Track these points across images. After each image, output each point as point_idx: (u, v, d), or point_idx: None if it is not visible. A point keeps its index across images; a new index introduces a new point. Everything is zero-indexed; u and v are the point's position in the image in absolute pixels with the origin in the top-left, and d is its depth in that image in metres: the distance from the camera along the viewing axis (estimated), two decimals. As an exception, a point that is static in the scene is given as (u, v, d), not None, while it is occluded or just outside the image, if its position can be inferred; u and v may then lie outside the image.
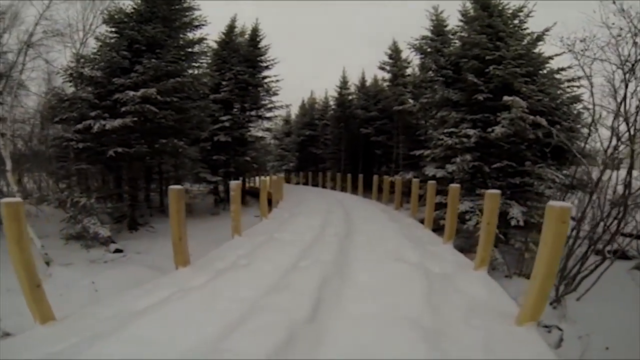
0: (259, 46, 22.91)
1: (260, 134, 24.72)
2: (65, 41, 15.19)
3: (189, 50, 16.59)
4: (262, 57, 22.84)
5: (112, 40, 14.76)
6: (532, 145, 11.66)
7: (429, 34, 17.67)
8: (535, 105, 11.27)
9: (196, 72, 16.66)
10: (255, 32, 23.05)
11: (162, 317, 3.55)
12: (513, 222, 10.37)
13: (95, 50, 14.79)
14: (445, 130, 12.84)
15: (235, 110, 22.00)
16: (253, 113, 23.37)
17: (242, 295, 4.15)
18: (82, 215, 12.54)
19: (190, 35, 16.99)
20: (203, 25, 17.26)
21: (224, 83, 21.28)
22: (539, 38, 13.01)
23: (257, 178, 27.31)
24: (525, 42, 12.85)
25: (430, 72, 16.67)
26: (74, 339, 3.22)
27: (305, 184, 31.19)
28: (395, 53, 24.30)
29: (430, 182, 9.98)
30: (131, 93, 13.13)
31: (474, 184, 12.33)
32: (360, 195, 20.12)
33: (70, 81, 14.38)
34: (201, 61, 18.32)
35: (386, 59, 24.51)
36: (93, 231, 12.15)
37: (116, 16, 14.81)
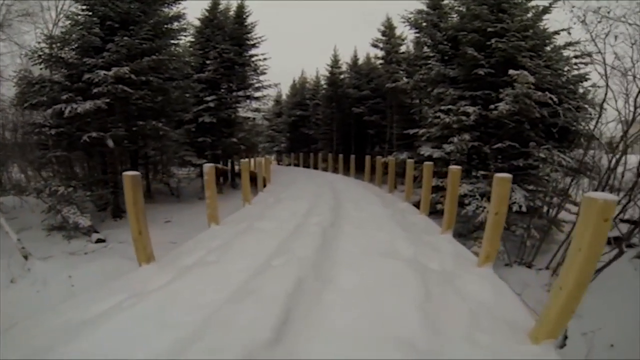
0: (245, 23, 21.95)
1: (248, 114, 23.91)
2: (36, 22, 14.39)
3: (167, 26, 15.49)
4: (249, 35, 21.93)
5: (83, 19, 13.68)
6: (537, 125, 10.87)
7: (424, 7, 16.64)
8: (540, 82, 10.43)
9: (175, 50, 15.62)
10: (241, 9, 22.03)
11: (109, 329, 3.15)
12: (515, 208, 9.59)
13: (64, 30, 13.73)
14: (442, 108, 12.00)
15: (222, 90, 21.06)
16: (241, 93, 22.56)
17: (201, 301, 3.60)
18: (61, 205, 11.98)
19: (167, 10, 15.87)
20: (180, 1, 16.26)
21: (207, 62, 20.42)
22: (545, 10, 12.11)
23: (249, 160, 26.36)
24: (530, 14, 11.98)
25: (426, 48, 15.93)
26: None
27: (297, 165, 30.47)
28: (388, 30, 23.49)
29: (426, 163, 8.98)
30: (102, 73, 12.17)
31: (472, 165, 11.61)
32: (353, 176, 19.53)
33: (40, 63, 13.31)
34: (180, 38, 17.21)
35: (379, 36, 23.71)
36: (73, 221, 11.58)
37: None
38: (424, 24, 15.66)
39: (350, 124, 26.74)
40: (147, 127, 13.71)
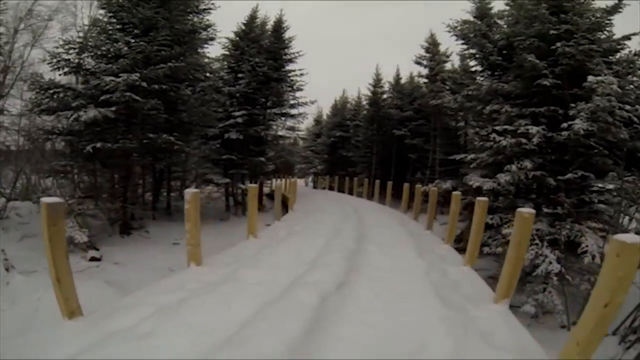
0: (283, 38, 20.85)
1: (281, 133, 22.80)
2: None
3: (192, 35, 14.55)
4: (286, 50, 20.80)
5: (106, 24, 13.14)
6: (615, 149, 8.65)
7: (470, 17, 14.67)
8: (619, 95, 8.20)
9: (198, 59, 14.54)
10: (279, 23, 20.97)
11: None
12: (587, 259, 7.41)
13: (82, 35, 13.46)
14: (497, 128, 9.93)
15: (255, 106, 19.73)
16: (275, 110, 21.44)
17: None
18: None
19: (193, 18, 15.03)
20: (210, 9, 15.39)
21: (240, 76, 19.31)
22: (616, 8, 10.05)
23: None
24: (594, 17, 9.82)
25: (474, 62, 14.17)
26: None
27: (332, 188, 28.68)
28: (432, 46, 21.85)
29: (480, 199, 6.45)
30: (108, 79, 11.18)
31: (529, 199, 9.46)
32: (389, 205, 17.44)
33: (58, 69, 12.58)
34: (206, 48, 16.44)
35: (423, 52, 22.07)
36: (68, 235, 10.56)
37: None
38: (471, 35, 13.64)
39: (391, 147, 24.90)
40: (159, 141, 12.58)
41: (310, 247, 6.85)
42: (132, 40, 12.33)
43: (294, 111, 21.73)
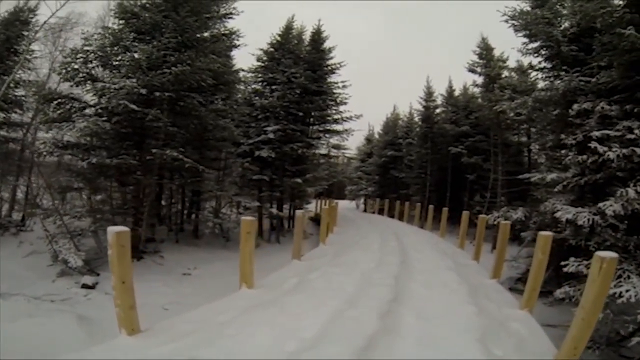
0: (321, 48, 19.19)
1: (325, 150, 20.88)
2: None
3: (212, 41, 13.35)
4: (326, 62, 19.15)
5: (115, 32, 12.18)
6: None
7: (528, 7, 11.94)
8: None
9: (217, 67, 12.69)
10: (317, 33, 19.33)
11: None
12: None
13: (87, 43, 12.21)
14: (596, 134, 7.10)
15: (293, 121, 17.91)
16: (320, 127, 19.97)
17: None
18: (60, 236, 11.06)
19: (212, 23, 13.94)
20: (231, 14, 14.33)
21: (273, 87, 17.66)
22: None
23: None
24: None
25: (539, 59, 11.52)
26: None
27: (382, 212, 25.76)
28: (486, 51, 19.22)
29: (601, 255, 3.27)
30: (99, 85, 10.24)
31: None
32: (443, 237, 14.16)
33: (68, 80, 11.95)
34: (231, 56, 15.70)
35: (475, 58, 19.46)
36: (61, 257, 10.27)
37: (126, 3, 12.23)
38: (534, 25, 10.93)
39: (446, 167, 22.21)
40: (163, 157, 11.29)
41: (318, 313, 4.39)
42: (138, 46, 11.43)
43: (338, 127, 19.88)
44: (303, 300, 4.89)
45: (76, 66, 11.29)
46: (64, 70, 11.56)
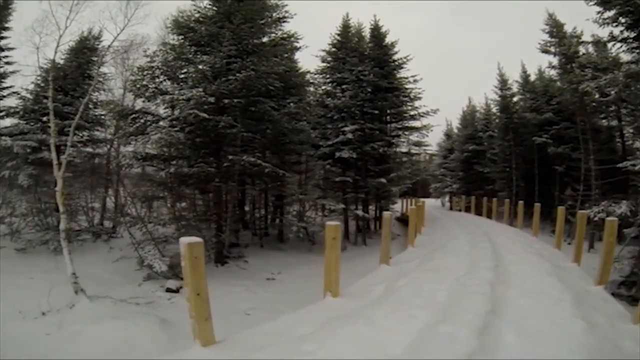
0: (383, 43, 18.78)
1: (406, 149, 20.50)
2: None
3: (271, 45, 13.56)
4: (391, 56, 18.71)
5: (175, 47, 12.81)
6: None
7: None
8: None
9: (280, 69, 12.84)
10: (376, 28, 18.98)
11: None
12: None
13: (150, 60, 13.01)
14: None
15: (370, 120, 17.75)
16: (398, 125, 19.66)
17: None
18: (143, 244, 11.64)
19: (268, 29, 14.28)
20: (285, 18, 14.49)
21: (344, 87, 17.63)
22: None
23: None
24: None
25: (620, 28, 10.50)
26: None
27: (468, 210, 24.31)
28: (556, 29, 17.80)
29: None
30: (167, 97, 11.23)
31: None
32: (536, 236, 12.62)
33: (139, 96, 13.05)
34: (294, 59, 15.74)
35: (546, 37, 18.09)
36: (147, 263, 10.85)
37: (181, 20, 12.94)
38: None
39: (532, 159, 20.71)
40: (241, 163, 11.53)
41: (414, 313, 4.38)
42: (200, 58, 12.09)
43: (415, 123, 19.39)
44: (391, 312, 4.50)
45: (144, 82, 12.02)
46: (134, 88, 12.33)
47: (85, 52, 15.66)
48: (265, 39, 13.62)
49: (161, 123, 11.77)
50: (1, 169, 14.56)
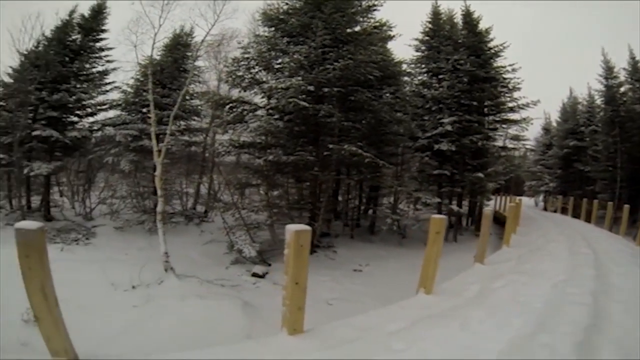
0: (477, 30, 17.63)
1: (503, 143, 19.52)
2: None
3: (364, 34, 13.14)
4: (487, 44, 17.57)
5: (268, 38, 13.10)
6: None
7: None
8: None
9: (376, 57, 12.56)
10: (468, 14, 17.84)
11: None
12: None
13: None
14: None
15: (468, 112, 16.83)
16: (496, 117, 18.49)
17: None
18: (235, 229, 12.01)
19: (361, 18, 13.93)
20: (375, 6, 13.91)
21: (440, 77, 17.14)
22: None
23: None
24: None
25: None
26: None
27: (564, 211, 22.20)
28: None
29: None
30: (266, 86, 11.42)
31: None
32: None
33: (235, 86, 13.27)
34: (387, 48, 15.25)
35: None
36: (237, 247, 11.21)
37: (270, 12, 13.08)
38: None
39: (641, 158, 18.43)
40: (341, 152, 11.50)
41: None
42: (293, 48, 12.05)
43: (514, 116, 18.17)
44: (485, 315, 4.23)
45: (240, 73, 12.28)
46: (230, 78, 12.63)
47: (179, 48, 16.65)
48: (357, 28, 13.38)
49: (258, 112, 12.01)
50: (105, 155, 15.74)
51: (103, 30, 17.16)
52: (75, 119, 16.53)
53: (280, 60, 12.32)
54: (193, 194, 18.14)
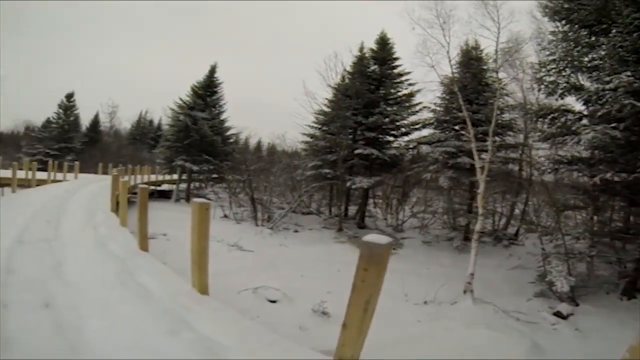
0: None
1: None
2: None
3: None
4: None
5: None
6: None
7: None
8: None
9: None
10: None
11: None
12: None
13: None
14: None
15: None
16: None
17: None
18: (551, 257, 10.35)
19: None
20: None
21: None
22: None
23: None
24: None
25: None
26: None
27: None
28: None
29: None
30: (594, 87, 9.68)
31: None
32: None
33: (550, 94, 11.75)
34: None
35: None
36: (549, 278, 9.56)
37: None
38: None
39: None
40: None
41: None
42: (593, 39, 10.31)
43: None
44: None
45: (550, 78, 10.89)
46: (542, 86, 11.32)
47: (473, 62, 16.30)
48: None
49: (583, 121, 10.31)
50: (424, 172, 16.27)
51: (395, 59, 18.70)
52: (391, 138, 18.35)
53: (589, 57, 10.33)
54: (506, 213, 17.22)
